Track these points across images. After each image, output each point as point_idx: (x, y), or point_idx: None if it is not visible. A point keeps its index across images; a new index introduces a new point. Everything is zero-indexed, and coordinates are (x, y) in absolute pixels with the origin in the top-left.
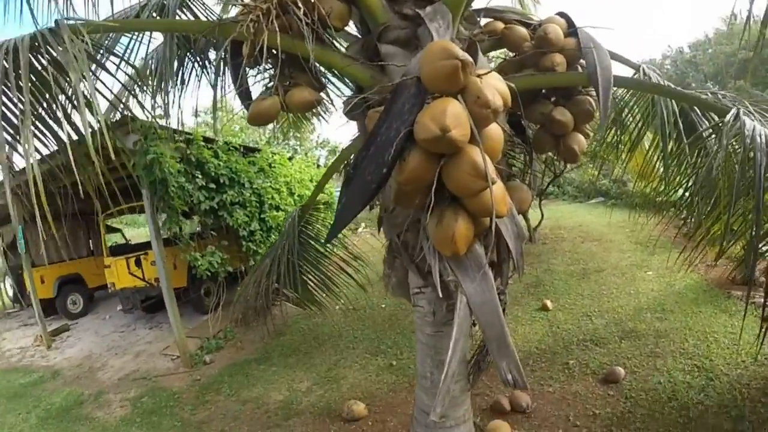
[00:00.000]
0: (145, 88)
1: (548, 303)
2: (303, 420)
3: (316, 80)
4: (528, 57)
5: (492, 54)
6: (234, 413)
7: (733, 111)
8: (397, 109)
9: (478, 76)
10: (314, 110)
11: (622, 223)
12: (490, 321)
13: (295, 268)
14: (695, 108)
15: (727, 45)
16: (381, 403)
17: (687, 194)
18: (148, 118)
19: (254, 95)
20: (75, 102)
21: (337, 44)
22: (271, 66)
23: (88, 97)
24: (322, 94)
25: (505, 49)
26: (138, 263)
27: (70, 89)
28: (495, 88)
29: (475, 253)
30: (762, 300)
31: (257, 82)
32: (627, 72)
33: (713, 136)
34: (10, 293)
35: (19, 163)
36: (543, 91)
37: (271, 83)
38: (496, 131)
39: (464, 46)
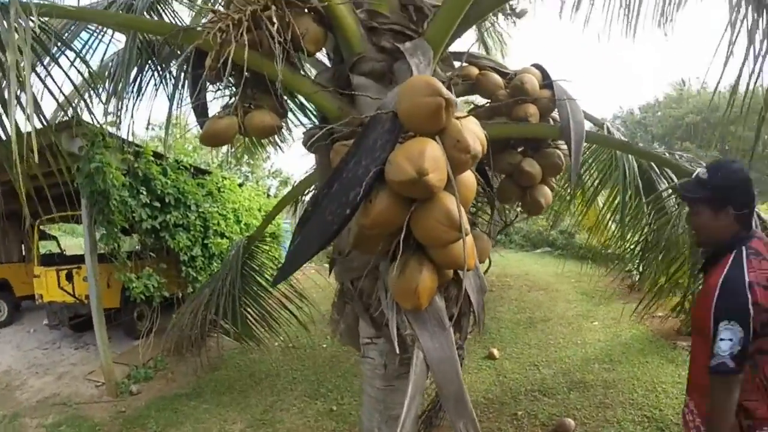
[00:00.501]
0: (99, 91)
1: (495, 351)
2: None
3: (280, 105)
4: (501, 106)
5: (461, 99)
6: None
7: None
8: (368, 145)
9: (457, 118)
10: (271, 137)
11: (568, 273)
12: (448, 378)
13: (236, 301)
14: (653, 166)
15: (675, 109)
16: None
17: (637, 249)
18: (97, 124)
19: (211, 113)
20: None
21: (304, 70)
22: (233, 83)
23: (24, 84)
24: (283, 122)
25: (477, 96)
26: (69, 277)
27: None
28: (474, 132)
29: (435, 306)
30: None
31: (216, 98)
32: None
33: (671, 194)
34: None
35: None
36: (512, 141)
37: (232, 101)
38: (470, 179)
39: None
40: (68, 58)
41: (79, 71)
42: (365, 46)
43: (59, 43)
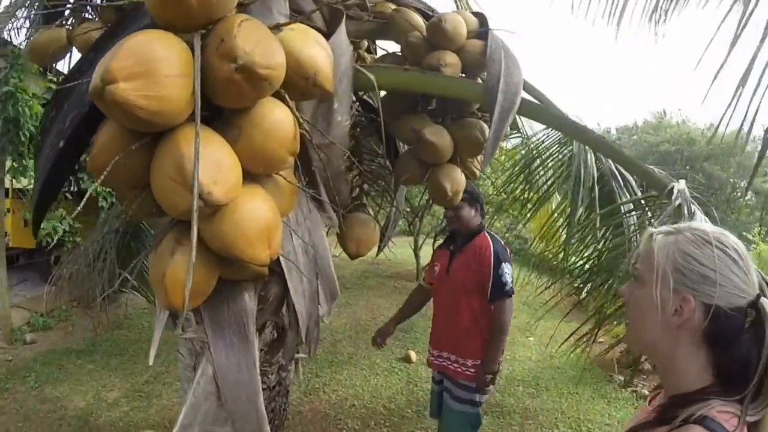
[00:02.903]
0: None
1: (412, 354)
2: None
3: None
4: (412, 50)
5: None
6: (26, 412)
7: (674, 185)
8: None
9: (242, 22)
10: None
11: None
12: (242, 411)
13: (136, 254)
14: (616, 173)
15: (652, 135)
16: None
17: (586, 266)
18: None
19: None
20: None
21: None
22: None
23: None
24: None
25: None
26: None
27: None
28: (271, 45)
29: (241, 308)
30: (644, 390)
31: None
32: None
33: (633, 210)
34: None
35: None
36: (422, 102)
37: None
38: (276, 115)
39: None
40: None
41: None
42: None
43: None
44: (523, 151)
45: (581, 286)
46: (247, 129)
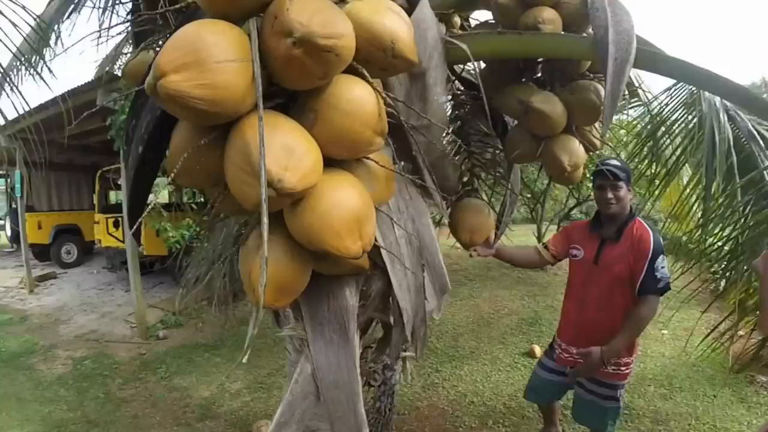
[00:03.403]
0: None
1: (536, 349)
2: (213, 426)
3: None
4: (504, 13)
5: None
6: (155, 399)
7: None
8: None
9: None
10: None
11: None
12: (339, 411)
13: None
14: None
15: None
16: None
17: (726, 248)
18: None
19: None
20: None
21: None
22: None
23: None
24: None
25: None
26: (117, 224)
27: None
28: (331, 13)
29: (342, 305)
30: None
31: None
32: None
33: None
34: (9, 233)
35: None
36: (526, 68)
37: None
38: (354, 93)
39: None
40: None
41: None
42: None
43: None
44: (645, 119)
45: (720, 271)
46: (324, 111)
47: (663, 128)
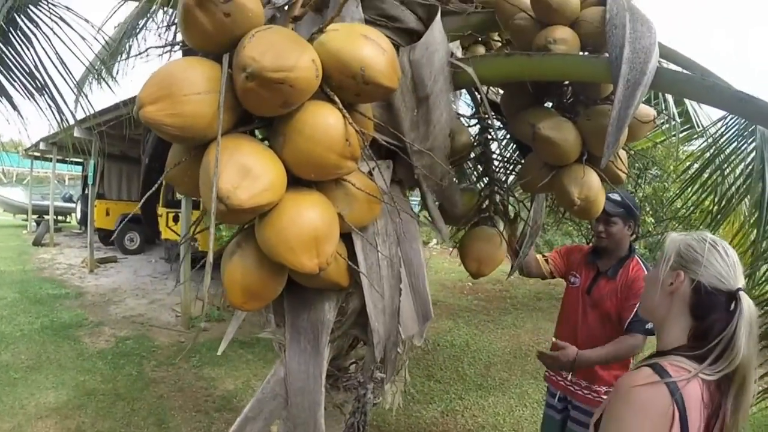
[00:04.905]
0: None
1: None
2: (229, 418)
3: None
4: (518, 35)
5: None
6: (182, 385)
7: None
8: None
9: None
10: None
11: None
12: (303, 420)
13: None
14: None
15: None
16: None
17: None
18: None
19: None
20: None
21: None
22: None
23: None
24: None
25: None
26: (176, 219)
27: None
28: (285, 48)
29: (319, 317)
30: None
31: None
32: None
33: None
34: (79, 216)
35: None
36: (564, 96)
37: None
38: (319, 119)
39: (418, 11)
40: None
41: None
42: None
43: None
44: (700, 148)
45: None
46: (290, 135)
47: (718, 160)
